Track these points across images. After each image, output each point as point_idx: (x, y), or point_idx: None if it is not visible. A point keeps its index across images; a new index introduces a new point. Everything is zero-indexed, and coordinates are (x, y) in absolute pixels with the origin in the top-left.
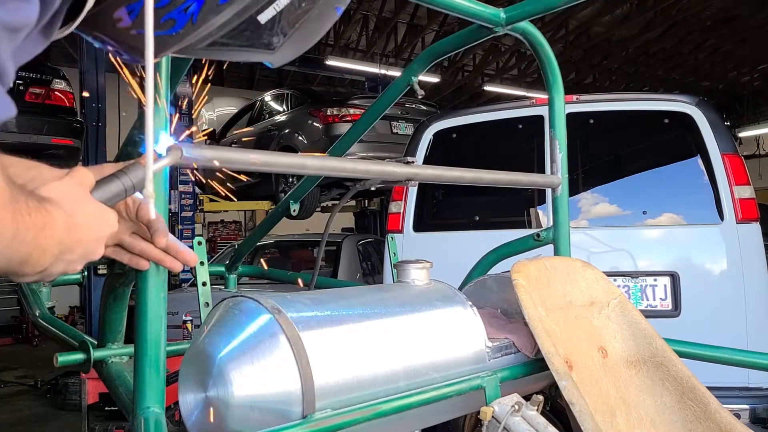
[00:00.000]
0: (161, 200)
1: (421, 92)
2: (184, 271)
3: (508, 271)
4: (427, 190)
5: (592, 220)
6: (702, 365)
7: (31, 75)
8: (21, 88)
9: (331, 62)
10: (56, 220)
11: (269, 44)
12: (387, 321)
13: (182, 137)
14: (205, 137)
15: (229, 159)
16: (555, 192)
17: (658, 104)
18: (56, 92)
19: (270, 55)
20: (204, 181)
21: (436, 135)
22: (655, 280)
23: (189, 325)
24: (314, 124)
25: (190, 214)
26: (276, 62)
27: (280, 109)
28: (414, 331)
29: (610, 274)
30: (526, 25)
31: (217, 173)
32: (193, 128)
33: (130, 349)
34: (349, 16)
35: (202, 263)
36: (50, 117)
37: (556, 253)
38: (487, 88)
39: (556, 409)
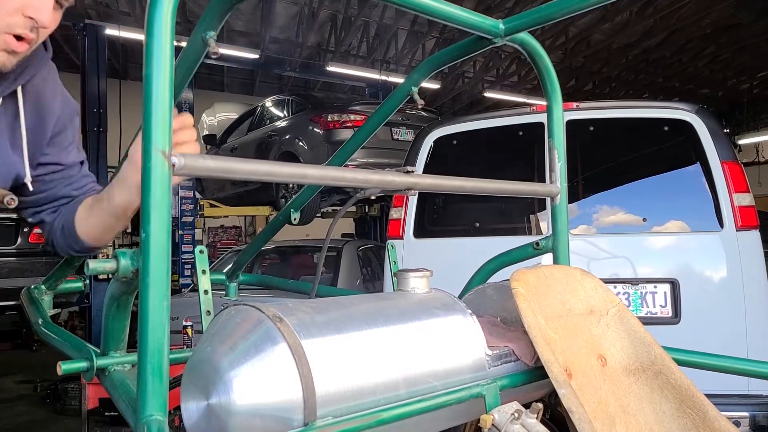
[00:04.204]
0: (165, 209)
1: (420, 102)
2: (184, 276)
3: (508, 280)
4: (427, 196)
5: (591, 227)
6: (702, 372)
7: None
8: None
9: (332, 68)
10: None
11: None
12: (388, 329)
13: None
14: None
15: (229, 169)
16: (554, 201)
17: (658, 112)
18: None
19: None
20: None
21: (437, 141)
22: (655, 287)
23: (189, 331)
24: (315, 129)
25: (190, 219)
26: None
27: (281, 114)
28: (414, 339)
29: (610, 281)
30: (524, 36)
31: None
32: None
33: (133, 357)
34: (350, 22)
35: (204, 272)
36: None
37: (555, 261)
38: (488, 94)
39: (556, 417)
